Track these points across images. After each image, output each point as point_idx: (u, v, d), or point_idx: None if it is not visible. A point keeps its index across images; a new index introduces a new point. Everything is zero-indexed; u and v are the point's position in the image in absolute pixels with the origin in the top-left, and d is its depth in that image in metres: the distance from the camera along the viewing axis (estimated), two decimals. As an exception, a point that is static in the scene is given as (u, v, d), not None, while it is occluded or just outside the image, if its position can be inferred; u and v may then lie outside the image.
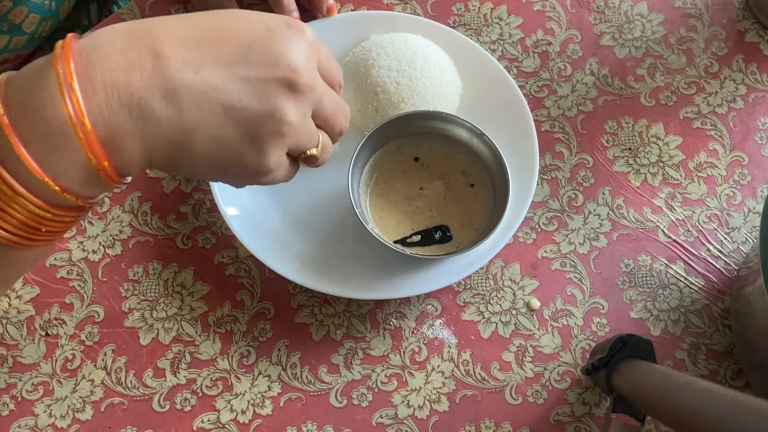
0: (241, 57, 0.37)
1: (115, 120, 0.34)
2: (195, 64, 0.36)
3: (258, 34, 0.37)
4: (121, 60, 0.34)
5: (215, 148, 0.37)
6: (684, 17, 0.70)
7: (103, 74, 0.34)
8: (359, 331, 0.58)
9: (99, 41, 0.35)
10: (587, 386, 0.58)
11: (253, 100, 0.37)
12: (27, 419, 0.55)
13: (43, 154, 0.34)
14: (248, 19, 0.38)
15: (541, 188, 0.63)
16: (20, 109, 0.34)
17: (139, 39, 0.35)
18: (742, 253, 0.62)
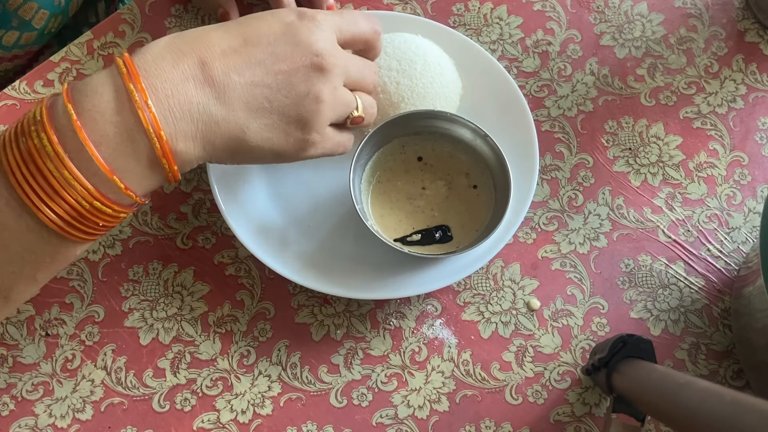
0: (270, 54, 0.43)
1: (180, 125, 0.40)
2: (236, 67, 0.42)
3: (278, 31, 0.44)
4: (175, 73, 0.41)
5: (267, 134, 0.44)
6: (684, 17, 0.70)
7: (164, 86, 0.40)
8: (359, 331, 0.58)
9: (151, 57, 0.41)
10: (587, 386, 0.58)
11: (289, 88, 0.43)
12: (27, 419, 0.55)
13: (111, 156, 0.39)
14: (267, 20, 0.45)
15: (541, 188, 0.63)
16: (89, 115, 0.39)
17: (184, 53, 0.41)
18: (742, 253, 0.62)
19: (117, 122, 0.39)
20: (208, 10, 0.67)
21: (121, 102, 0.39)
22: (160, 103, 0.40)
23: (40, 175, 0.38)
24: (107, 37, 0.66)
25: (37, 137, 0.38)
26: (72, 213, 0.39)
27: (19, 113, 0.63)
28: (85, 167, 0.38)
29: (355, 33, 0.49)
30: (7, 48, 0.69)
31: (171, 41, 0.42)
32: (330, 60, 0.44)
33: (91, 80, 0.40)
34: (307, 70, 0.44)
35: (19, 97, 0.64)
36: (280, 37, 0.44)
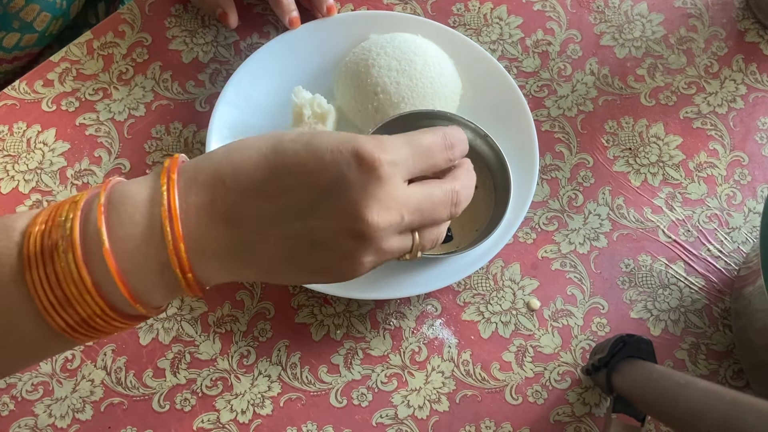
0: (312, 207, 0.38)
1: (210, 264, 0.38)
2: (270, 217, 0.38)
3: (328, 179, 0.38)
4: (212, 212, 0.38)
5: (301, 278, 0.41)
6: (684, 17, 0.70)
7: (198, 225, 0.38)
8: (359, 331, 0.58)
9: (194, 188, 0.38)
10: (587, 386, 0.58)
11: (323, 249, 0.39)
12: (27, 419, 0.55)
13: (136, 283, 0.37)
14: (323, 158, 0.38)
15: (541, 188, 0.63)
16: (121, 244, 0.37)
17: (226, 188, 0.38)
18: (742, 253, 0.62)
19: (147, 254, 0.37)
20: (207, 11, 0.67)
21: (154, 236, 0.37)
22: (192, 240, 0.37)
23: (63, 295, 0.36)
24: (107, 37, 0.66)
25: (64, 255, 0.36)
26: (84, 326, 0.38)
27: (19, 113, 0.63)
28: (110, 292, 0.37)
29: (426, 167, 0.42)
30: (8, 50, 0.69)
31: (217, 170, 0.39)
32: (378, 227, 0.38)
33: (130, 200, 0.38)
34: (347, 234, 0.38)
35: (19, 97, 0.64)
36: (327, 191, 0.38)
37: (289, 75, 0.63)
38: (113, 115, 0.64)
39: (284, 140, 0.39)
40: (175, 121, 0.64)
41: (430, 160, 0.41)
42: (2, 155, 0.62)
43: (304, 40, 0.64)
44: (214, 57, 0.67)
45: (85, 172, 0.62)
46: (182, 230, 0.37)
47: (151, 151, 0.63)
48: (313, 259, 0.39)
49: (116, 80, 0.65)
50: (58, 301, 0.37)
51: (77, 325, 0.37)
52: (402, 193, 0.39)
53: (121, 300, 0.37)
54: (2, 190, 0.61)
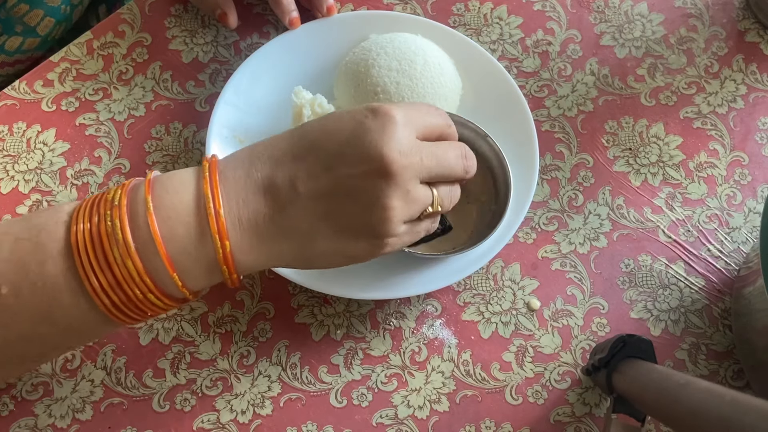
0: (338, 157, 0.41)
1: (246, 234, 0.41)
2: (300, 176, 0.41)
3: (348, 131, 0.41)
4: (248, 182, 0.41)
5: (336, 243, 0.42)
6: (684, 17, 0.70)
7: (237, 195, 0.40)
8: (359, 331, 0.58)
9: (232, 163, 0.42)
10: (587, 386, 0.58)
11: (356, 196, 0.41)
12: (27, 419, 0.55)
13: (176, 253, 0.39)
14: (340, 119, 0.42)
15: (541, 188, 0.63)
16: (165, 211, 0.40)
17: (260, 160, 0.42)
18: (742, 253, 0.62)
19: (188, 224, 0.40)
20: (207, 11, 0.67)
21: (197, 205, 0.40)
22: (231, 211, 0.40)
23: (104, 260, 0.38)
24: (107, 37, 0.66)
25: (110, 220, 0.39)
26: (125, 300, 0.40)
27: (19, 113, 0.63)
28: (149, 260, 0.39)
29: (428, 125, 0.45)
30: (10, 53, 0.70)
31: (252, 148, 0.43)
32: (401, 163, 0.41)
33: (176, 176, 0.42)
34: (374, 176, 0.41)
35: (19, 97, 0.64)
36: (349, 139, 0.41)
37: (289, 75, 0.63)
38: (113, 115, 0.64)
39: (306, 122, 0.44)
40: (175, 121, 0.64)
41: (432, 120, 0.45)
42: (2, 155, 0.62)
43: (304, 40, 0.64)
44: (214, 57, 0.67)
45: (85, 172, 0.62)
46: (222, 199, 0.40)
47: (151, 151, 0.63)
48: (345, 213, 0.41)
49: (116, 80, 0.65)
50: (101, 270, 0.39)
51: (110, 289, 0.39)
52: (417, 140, 0.43)
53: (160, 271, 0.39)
54: (2, 190, 0.61)
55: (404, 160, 0.41)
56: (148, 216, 0.39)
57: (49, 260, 0.39)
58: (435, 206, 0.44)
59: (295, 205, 0.41)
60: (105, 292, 0.39)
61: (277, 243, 0.41)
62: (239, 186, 0.41)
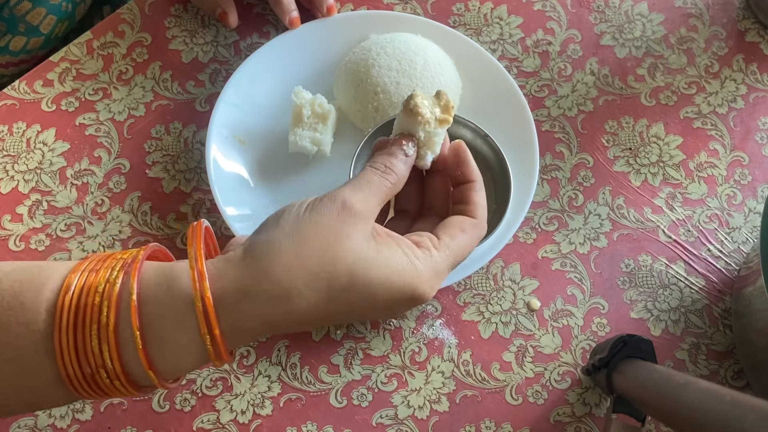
0: (385, 311, 0.38)
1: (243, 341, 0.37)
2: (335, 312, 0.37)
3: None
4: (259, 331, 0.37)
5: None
6: (684, 17, 0.70)
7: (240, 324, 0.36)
8: (359, 331, 0.58)
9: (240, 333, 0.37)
10: (587, 386, 0.58)
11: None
12: (27, 419, 0.55)
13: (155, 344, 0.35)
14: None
15: (542, 188, 0.63)
16: (160, 354, 0.35)
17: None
18: (742, 253, 0.62)
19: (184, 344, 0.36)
20: (206, 11, 0.67)
21: (195, 343, 0.36)
22: (233, 334, 0.36)
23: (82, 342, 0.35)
24: (107, 37, 0.66)
25: (99, 352, 0.35)
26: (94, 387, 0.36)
27: (19, 113, 0.63)
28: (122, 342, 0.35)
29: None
30: (15, 53, 0.70)
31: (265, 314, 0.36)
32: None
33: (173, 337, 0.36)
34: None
35: (18, 97, 0.64)
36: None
37: (289, 75, 0.63)
38: (113, 115, 0.64)
39: (335, 289, 0.36)
40: (175, 121, 0.64)
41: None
42: (2, 155, 0.62)
43: (304, 40, 0.64)
44: (214, 57, 0.66)
45: (85, 172, 0.62)
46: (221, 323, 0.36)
47: (151, 151, 0.63)
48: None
49: (116, 80, 0.65)
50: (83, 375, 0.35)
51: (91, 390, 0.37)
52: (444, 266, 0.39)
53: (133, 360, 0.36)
54: (2, 190, 0.61)
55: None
56: (139, 354, 0.35)
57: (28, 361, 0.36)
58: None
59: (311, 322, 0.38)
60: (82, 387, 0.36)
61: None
62: (245, 330, 0.37)
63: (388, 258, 0.37)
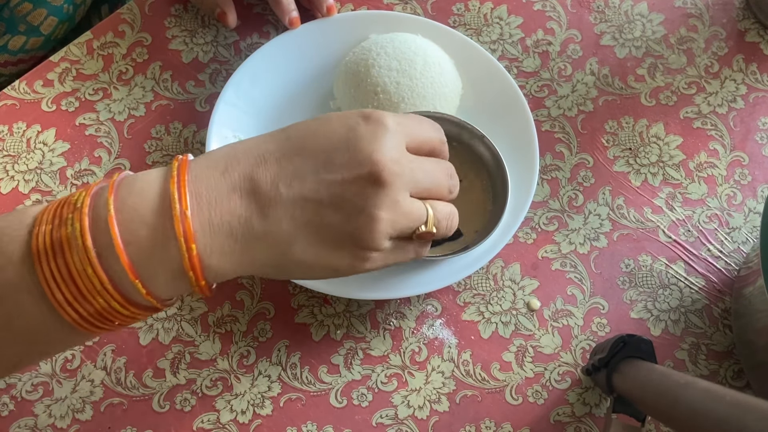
0: (327, 162, 0.39)
1: (217, 238, 0.38)
2: (285, 178, 0.38)
3: (339, 136, 0.39)
4: (223, 182, 0.38)
5: (316, 250, 0.39)
6: (684, 17, 0.70)
7: (209, 194, 0.37)
8: (359, 331, 0.58)
9: (206, 163, 0.39)
10: (587, 386, 0.58)
11: (341, 202, 0.39)
12: (26, 419, 0.55)
13: (139, 258, 0.36)
14: (330, 123, 0.40)
15: (542, 188, 0.63)
16: (128, 213, 0.37)
17: (238, 161, 0.39)
18: (742, 253, 0.62)
19: (153, 225, 0.37)
20: (206, 11, 0.67)
21: (162, 206, 0.37)
22: (201, 212, 0.37)
23: (64, 264, 0.36)
24: (107, 37, 0.66)
25: (71, 225, 0.36)
26: (87, 307, 0.37)
27: (19, 113, 0.63)
28: (110, 266, 0.36)
29: (423, 139, 0.43)
30: (13, 52, 0.70)
31: (231, 147, 0.40)
32: (391, 170, 0.39)
33: (143, 176, 0.39)
34: (363, 182, 0.38)
35: (18, 97, 0.64)
36: (340, 143, 0.39)
37: (289, 75, 0.63)
38: (113, 115, 0.64)
39: (291, 126, 0.41)
40: (175, 121, 0.64)
41: (424, 131, 0.43)
42: (2, 155, 0.62)
43: (304, 40, 0.64)
44: (214, 57, 0.67)
45: (85, 172, 0.62)
46: (191, 199, 0.37)
47: (151, 151, 0.63)
48: (329, 221, 0.39)
49: (116, 80, 0.65)
50: (62, 278, 0.36)
51: (90, 316, 0.37)
52: (406, 152, 0.41)
53: (122, 277, 0.37)
54: (2, 190, 0.61)
55: (395, 168, 0.39)
56: (108, 219, 0.36)
57: (9, 266, 0.36)
58: (429, 226, 0.42)
59: (276, 208, 0.38)
60: (70, 304, 0.36)
61: (252, 248, 0.39)
62: (211, 185, 0.38)
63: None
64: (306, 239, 0.39)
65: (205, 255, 0.37)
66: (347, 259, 0.40)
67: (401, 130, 0.41)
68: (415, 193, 0.41)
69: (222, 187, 0.38)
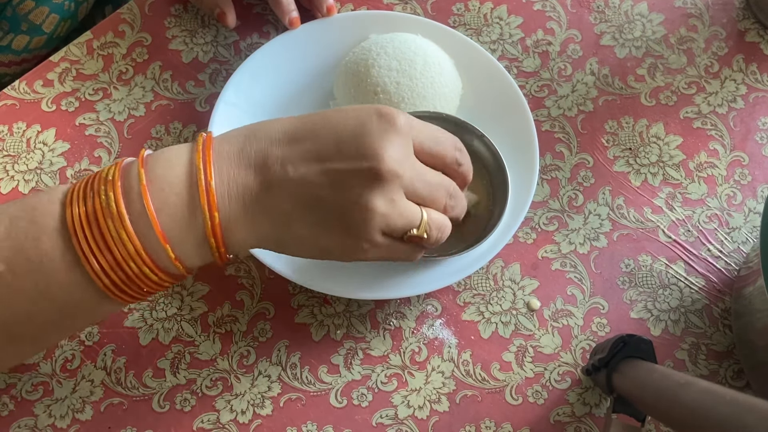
0: (333, 151, 0.41)
1: (234, 208, 0.41)
2: (293, 159, 0.41)
3: (350, 127, 0.42)
4: (241, 159, 0.42)
5: (312, 230, 0.42)
6: (684, 17, 0.70)
7: (229, 170, 0.41)
8: (359, 331, 0.58)
9: (227, 140, 0.43)
10: (587, 386, 0.58)
11: (339, 191, 0.41)
12: (26, 419, 0.55)
13: (169, 225, 0.40)
14: (345, 114, 0.43)
15: (541, 188, 0.63)
16: (158, 183, 0.40)
17: (256, 138, 0.42)
18: (742, 253, 0.62)
19: (181, 194, 0.40)
20: (206, 11, 0.67)
21: (189, 178, 0.40)
22: (222, 184, 0.41)
23: (99, 232, 0.39)
24: (107, 37, 0.66)
25: (104, 195, 0.39)
26: (120, 273, 0.40)
27: (19, 113, 0.63)
28: (142, 232, 0.39)
29: (434, 151, 0.44)
30: (17, 52, 0.70)
31: (251, 127, 0.43)
32: (390, 167, 0.41)
33: (170, 150, 0.42)
34: (365, 175, 0.40)
35: (19, 97, 0.64)
36: (349, 134, 0.41)
37: (289, 75, 0.63)
38: (113, 115, 0.64)
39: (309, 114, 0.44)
40: (175, 121, 0.64)
41: (437, 139, 0.45)
42: (2, 155, 0.62)
43: (304, 40, 0.64)
44: (214, 57, 0.67)
45: (85, 172, 0.62)
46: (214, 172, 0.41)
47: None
48: (327, 205, 0.41)
49: (116, 80, 0.65)
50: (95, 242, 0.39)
51: (110, 269, 0.39)
52: (412, 156, 0.43)
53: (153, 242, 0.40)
54: (2, 190, 0.61)
55: (396, 167, 0.41)
56: (141, 188, 0.39)
57: (44, 237, 0.39)
58: (421, 230, 0.44)
59: (282, 186, 0.41)
60: (105, 272, 0.39)
61: (260, 221, 0.42)
62: (232, 161, 0.41)
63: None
64: (304, 219, 0.42)
65: (225, 223, 0.41)
66: (339, 243, 0.43)
67: (410, 132, 0.43)
68: (411, 197, 0.43)
69: (240, 163, 0.41)
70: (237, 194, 0.41)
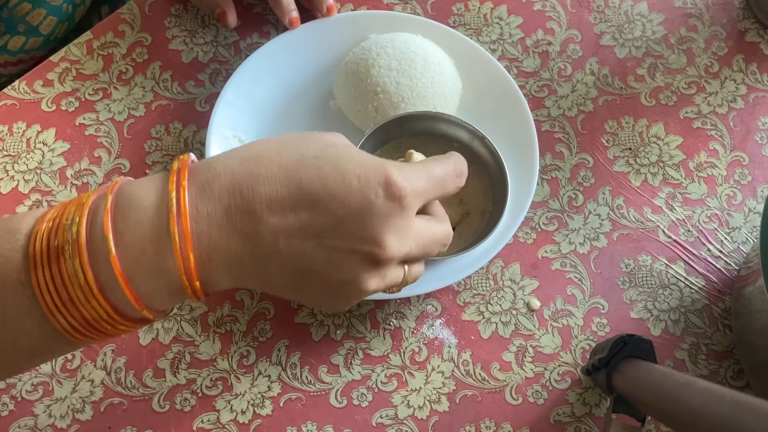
0: (333, 227, 0.38)
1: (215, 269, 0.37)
2: (288, 232, 0.37)
3: (354, 205, 0.38)
4: (225, 221, 0.37)
5: (300, 295, 0.41)
6: (684, 17, 0.70)
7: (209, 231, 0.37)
8: (359, 331, 0.58)
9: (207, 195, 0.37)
10: (587, 386, 0.58)
11: (335, 268, 0.39)
12: (27, 419, 0.55)
13: (143, 288, 0.36)
14: (350, 184, 0.38)
15: (541, 188, 0.63)
16: (129, 250, 0.36)
17: (243, 198, 0.37)
18: (742, 253, 0.62)
19: (155, 262, 0.36)
20: (206, 11, 0.67)
21: (162, 243, 0.36)
22: (201, 247, 0.37)
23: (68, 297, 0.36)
24: (107, 37, 0.66)
25: (70, 260, 0.36)
26: (88, 328, 0.37)
27: (18, 113, 0.63)
28: (116, 297, 0.36)
29: (439, 196, 0.43)
30: (13, 53, 0.70)
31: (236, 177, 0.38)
32: (390, 255, 0.39)
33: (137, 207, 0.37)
34: (362, 258, 0.39)
35: (18, 97, 0.64)
36: (352, 213, 0.38)
37: (289, 75, 0.63)
38: (113, 115, 0.64)
39: (307, 156, 0.38)
40: (175, 121, 0.64)
41: (443, 190, 0.43)
42: (2, 155, 0.62)
43: (304, 40, 0.64)
44: (214, 57, 0.67)
45: (85, 172, 0.62)
46: (192, 239, 0.36)
47: (151, 151, 0.63)
48: (322, 279, 0.39)
49: (116, 80, 0.65)
50: (63, 303, 0.36)
51: (82, 327, 0.37)
52: (416, 226, 0.41)
53: (126, 304, 0.37)
54: (2, 190, 0.61)
55: (398, 253, 0.39)
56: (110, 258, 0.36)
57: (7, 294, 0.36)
58: (401, 285, 0.43)
59: (270, 256, 0.38)
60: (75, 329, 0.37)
61: (243, 281, 0.39)
62: (213, 224, 0.37)
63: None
64: (291, 284, 0.40)
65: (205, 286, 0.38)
66: (324, 303, 0.42)
67: (417, 202, 0.40)
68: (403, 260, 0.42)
69: (224, 224, 0.37)
70: (219, 258, 0.37)
